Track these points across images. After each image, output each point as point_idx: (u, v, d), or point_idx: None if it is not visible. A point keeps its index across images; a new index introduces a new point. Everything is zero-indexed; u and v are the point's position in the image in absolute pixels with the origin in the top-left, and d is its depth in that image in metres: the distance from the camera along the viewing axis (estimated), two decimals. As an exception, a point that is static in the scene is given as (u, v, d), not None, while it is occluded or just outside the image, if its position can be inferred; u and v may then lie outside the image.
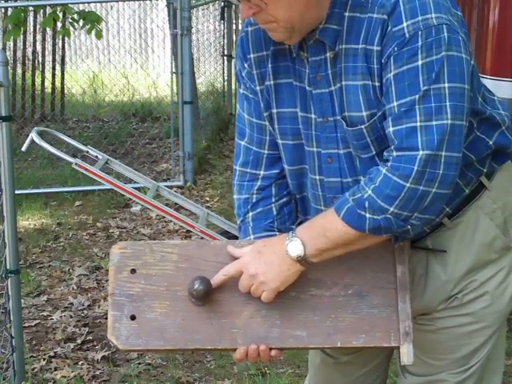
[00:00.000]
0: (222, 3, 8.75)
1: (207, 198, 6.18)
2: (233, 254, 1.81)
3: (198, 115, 7.60)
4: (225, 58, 8.96)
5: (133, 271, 1.78)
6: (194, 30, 7.41)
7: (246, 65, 1.90)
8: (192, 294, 1.74)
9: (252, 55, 1.89)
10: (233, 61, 8.88)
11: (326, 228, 1.72)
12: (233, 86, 8.88)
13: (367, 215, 1.68)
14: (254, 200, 1.96)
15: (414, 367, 1.98)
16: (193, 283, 1.73)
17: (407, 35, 1.66)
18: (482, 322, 1.92)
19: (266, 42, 1.86)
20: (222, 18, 8.80)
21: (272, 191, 1.96)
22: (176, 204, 5.05)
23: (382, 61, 1.70)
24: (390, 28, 1.68)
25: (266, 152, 1.95)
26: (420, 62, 1.66)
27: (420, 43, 1.65)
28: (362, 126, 1.75)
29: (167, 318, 1.75)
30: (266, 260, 1.76)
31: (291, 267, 1.75)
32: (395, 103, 1.68)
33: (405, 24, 1.66)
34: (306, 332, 1.75)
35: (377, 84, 1.73)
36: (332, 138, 1.82)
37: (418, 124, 1.65)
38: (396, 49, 1.67)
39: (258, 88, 1.90)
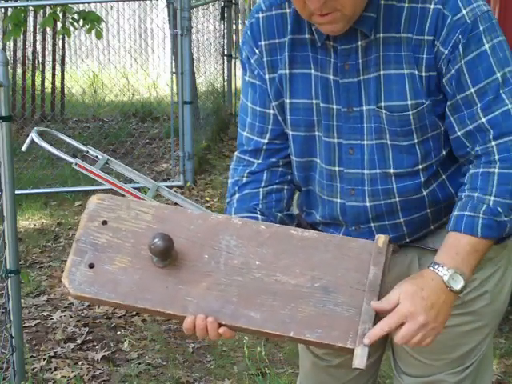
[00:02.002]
0: (222, 3, 8.75)
1: (207, 198, 6.18)
2: (382, 308, 1.64)
3: (198, 115, 7.59)
4: (225, 57, 8.95)
5: (104, 222, 1.75)
6: (194, 30, 7.40)
7: (256, 51, 1.86)
8: (150, 247, 1.68)
9: (263, 42, 1.85)
10: (233, 61, 8.89)
11: (469, 252, 1.69)
12: (233, 86, 8.88)
13: (505, 218, 1.69)
14: (244, 182, 1.94)
15: (411, 368, 1.98)
16: (153, 238, 1.67)
17: (469, 21, 1.70)
18: (481, 320, 1.92)
19: (279, 31, 1.84)
20: (222, 17, 8.80)
21: (263, 177, 1.92)
22: (176, 204, 5.05)
23: (445, 51, 1.70)
24: (449, 17, 1.70)
25: (266, 141, 1.91)
26: (487, 46, 1.71)
27: (481, 28, 1.70)
28: (410, 112, 1.74)
29: (124, 273, 1.71)
30: (431, 303, 1.64)
31: (452, 301, 1.67)
32: (472, 89, 1.71)
33: (464, 11, 1.70)
34: (260, 315, 1.67)
35: (423, 74, 1.73)
36: (356, 129, 1.80)
37: (510, 106, 1.69)
38: (461, 36, 1.70)
39: (267, 76, 1.86)
